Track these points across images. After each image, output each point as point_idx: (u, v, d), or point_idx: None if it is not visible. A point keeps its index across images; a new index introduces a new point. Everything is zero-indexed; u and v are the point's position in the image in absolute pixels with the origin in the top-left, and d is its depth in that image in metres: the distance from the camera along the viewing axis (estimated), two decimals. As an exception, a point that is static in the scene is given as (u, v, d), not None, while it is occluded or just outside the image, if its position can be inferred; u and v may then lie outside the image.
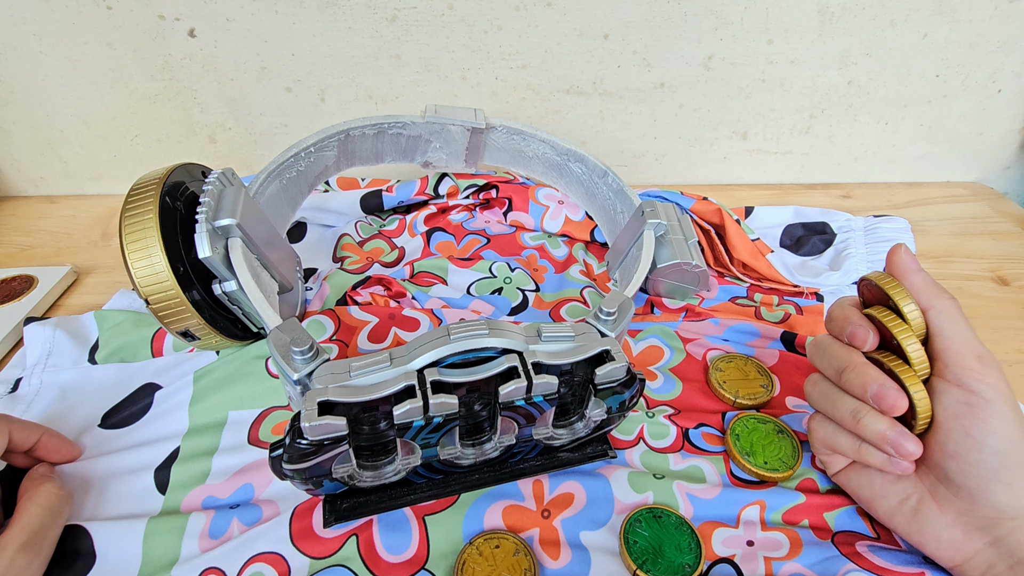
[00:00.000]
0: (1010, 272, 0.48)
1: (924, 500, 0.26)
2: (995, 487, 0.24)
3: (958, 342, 0.25)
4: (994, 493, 0.24)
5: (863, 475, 0.29)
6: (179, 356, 0.38)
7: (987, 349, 0.25)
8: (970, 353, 0.25)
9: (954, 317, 0.26)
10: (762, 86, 0.54)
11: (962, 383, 0.24)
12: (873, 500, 0.28)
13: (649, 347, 0.39)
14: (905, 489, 0.27)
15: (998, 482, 0.24)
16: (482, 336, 0.24)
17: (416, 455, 0.27)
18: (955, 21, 0.50)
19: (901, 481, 0.27)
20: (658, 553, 0.28)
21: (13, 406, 0.35)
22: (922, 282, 0.26)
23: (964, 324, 0.25)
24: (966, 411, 0.24)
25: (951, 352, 0.25)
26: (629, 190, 0.43)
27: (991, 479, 0.24)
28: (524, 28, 0.50)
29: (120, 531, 0.29)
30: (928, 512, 0.26)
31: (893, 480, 0.28)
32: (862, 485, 0.29)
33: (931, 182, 0.61)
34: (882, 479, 0.28)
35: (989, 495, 0.24)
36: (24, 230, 0.55)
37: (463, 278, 0.45)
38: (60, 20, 0.49)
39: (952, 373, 0.25)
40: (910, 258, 0.27)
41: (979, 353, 0.25)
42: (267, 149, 0.58)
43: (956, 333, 0.25)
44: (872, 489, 0.28)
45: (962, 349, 0.25)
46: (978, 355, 0.25)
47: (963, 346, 0.25)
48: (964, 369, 0.24)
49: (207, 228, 0.31)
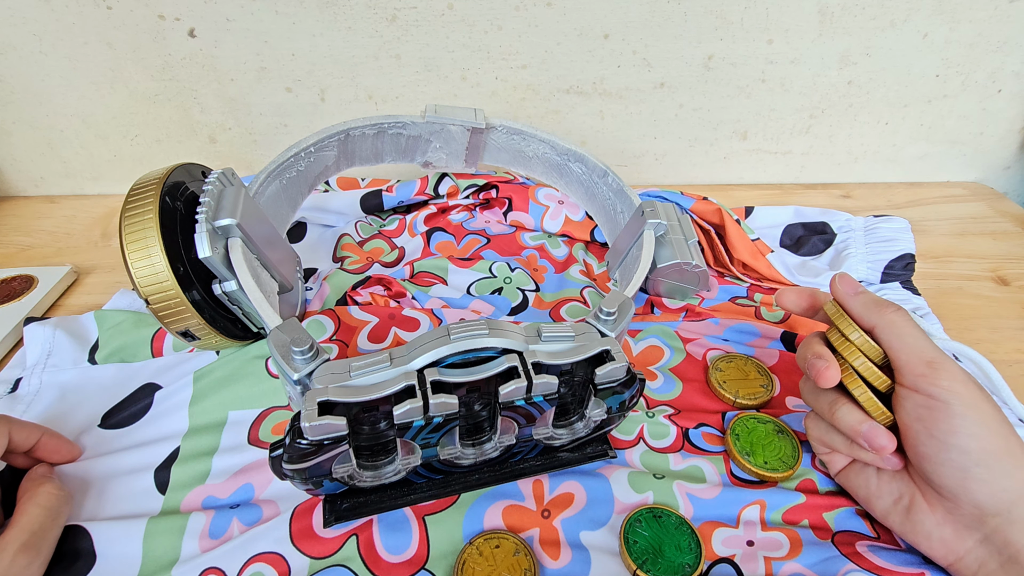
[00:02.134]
0: (1010, 272, 0.48)
1: (915, 499, 0.27)
2: (970, 484, 0.24)
3: (906, 351, 0.26)
4: (971, 491, 0.25)
5: (861, 475, 0.29)
6: (179, 356, 0.38)
7: (939, 352, 0.26)
8: (919, 360, 0.26)
9: (898, 328, 0.27)
10: (762, 86, 0.54)
11: (918, 388, 0.25)
12: (870, 499, 0.29)
13: (649, 347, 0.39)
14: (898, 489, 0.28)
15: (972, 479, 0.24)
16: (482, 336, 0.24)
17: (416, 455, 0.27)
18: (955, 21, 0.50)
19: (894, 481, 0.28)
20: (658, 553, 0.28)
21: (13, 406, 0.35)
22: (860, 305, 0.28)
23: (911, 332, 0.27)
24: (926, 414, 0.25)
25: (901, 361, 0.26)
26: (629, 190, 0.43)
27: (964, 477, 0.24)
28: (524, 28, 0.50)
29: (120, 531, 0.29)
30: (919, 511, 0.27)
31: (888, 480, 0.28)
32: (860, 485, 0.29)
33: (931, 182, 0.61)
34: (878, 479, 0.28)
35: (968, 493, 0.25)
36: (24, 230, 0.55)
37: (463, 278, 0.45)
38: (60, 20, 0.49)
39: (908, 380, 0.26)
40: (846, 284, 0.29)
41: (928, 359, 0.26)
42: (267, 149, 0.58)
43: (903, 343, 0.26)
44: (868, 489, 0.29)
45: (911, 357, 0.26)
46: (927, 360, 0.25)
47: (911, 354, 0.26)
48: (916, 376, 0.25)
49: (207, 228, 0.31)
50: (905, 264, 0.44)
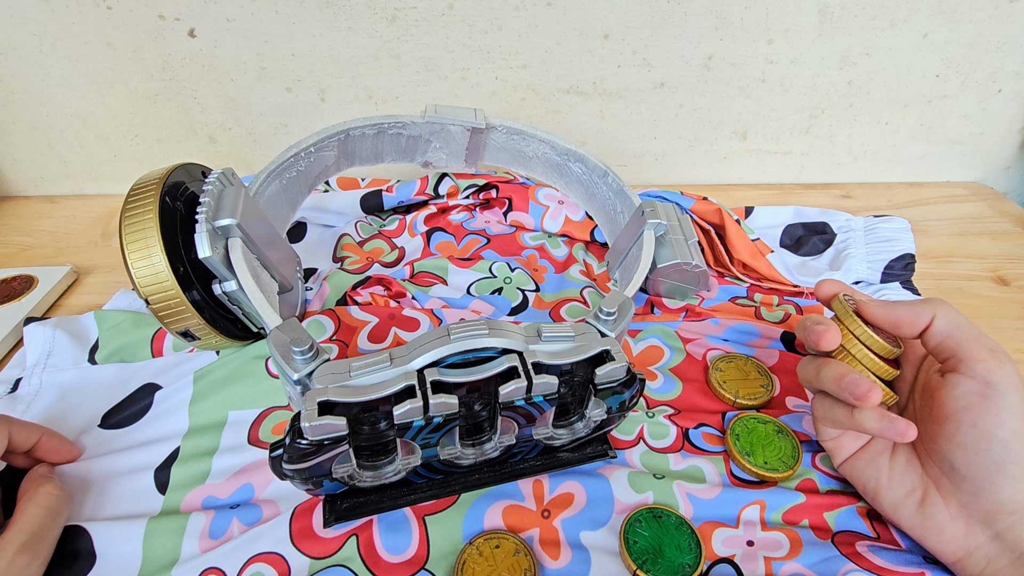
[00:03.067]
0: (1010, 272, 0.48)
1: (930, 492, 0.27)
2: (999, 479, 0.24)
3: (968, 337, 0.26)
4: (998, 485, 0.24)
5: (871, 465, 0.29)
6: (179, 356, 0.38)
7: (998, 343, 0.26)
8: (982, 346, 0.26)
9: (957, 316, 0.27)
10: (762, 86, 0.54)
11: (976, 375, 0.25)
12: (879, 492, 0.28)
13: (649, 347, 0.39)
14: (912, 481, 0.27)
15: (1002, 474, 0.24)
16: (482, 336, 0.24)
17: (416, 455, 0.27)
18: (955, 21, 0.50)
19: (908, 473, 0.28)
20: (658, 553, 0.28)
21: (13, 406, 0.35)
22: (904, 310, 0.28)
23: (969, 321, 0.27)
24: (978, 402, 0.25)
25: (963, 347, 0.26)
26: (629, 190, 0.43)
27: (996, 471, 0.24)
28: (524, 28, 0.50)
29: (120, 531, 0.29)
30: (933, 504, 0.26)
31: (901, 471, 0.28)
32: (869, 476, 0.29)
33: (931, 182, 0.61)
34: (890, 470, 0.28)
35: (993, 487, 0.25)
36: (24, 230, 0.55)
37: (463, 278, 0.45)
38: (60, 20, 0.49)
39: (967, 366, 0.25)
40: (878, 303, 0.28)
41: (991, 347, 0.26)
42: (267, 149, 0.58)
43: (964, 330, 0.26)
44: (879, 480, 0.28)
45: (974, 343, 0.26)
46: (990, 348, 0.26)
47: (974, 340, 0.26)
48: (977, 361, 0.25)
49: (207, 228, 0.31)
50: (905, 264, 0.44)
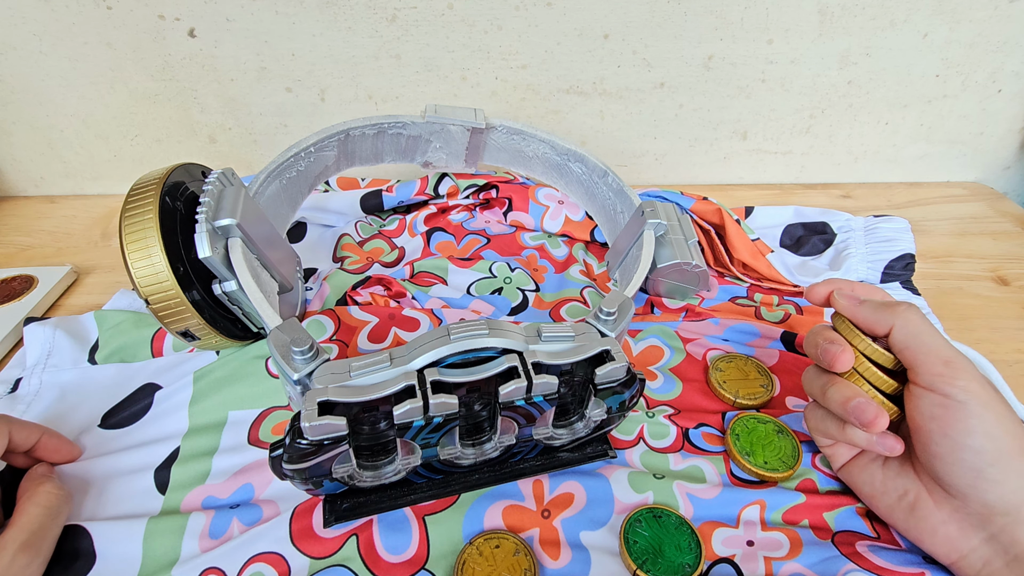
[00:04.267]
0: (1010, 272, 0.48)
1: (921, 496, 0.27)
2: (982, 484, 0.24)
3: (923, 350, 0.26)
4: (982, 491, 0.24)
5: (866, 471, 0.29)
6: (179, 356, 0.38)
7: (956, 351, 0.26)
8: (937, 359, 0.25)
9: (914, 327, 0.26)
10: (762, 86, 0.54)
11: (934, 387, 0.25)
12: (874, 496, 0.29)
13: (649, 347, 0.39)
14: (903, 485, 0.28)
15: (984, 479, 0.24)
16: (482, 336, 0.24)
17: (416, 455, 0.27)
18: (955, 21, 0.50)
19: (900, 477, 0.28)
20: (658, 553, 0.28)
21: (13, 406, 0.35)
22: (870, 311, 0.27)
23: (927, 330, 0.26)
24: (942, 413, 0.25)
25: (919, 360, 0.26)
26: (629, 190, 0.43)
27: (976, 477, 0.24)
28: (524, 28, 0.50)
29: (120, 531, 0.29)
30: (925, 508, 0.27)
31: (893, 476, 0.28)
32: (864, 481, 0.29)
33: (931, 182, 0.61)
34: (883, 475, 0.28)
35: (977, 492, 0.25)
36: (24, 230, 0.55)
37: (463, 278, 0.45)
38: (60, 20, 0.49)
39: (924, 379, 0.25)
40: (846, 297, 0.29)
41: (946, 358, 0.25)
42: (267, 149, 0.58)
43: (920, 342, 0.26)
44: (873, 485, 0.29)
45: (928, 356, 0.25)
46: (945, 360, 0.25)
47: (929, 353, 0.26)
48: (933, 375, 0.25)
49: (207, 228, 0.31)
50: (905, 264, 0.44)
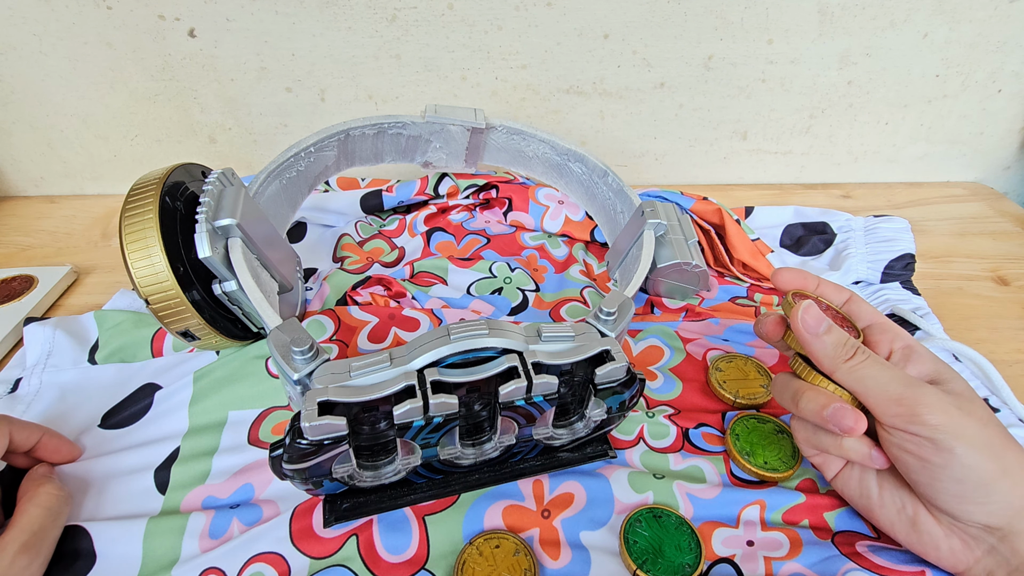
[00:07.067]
0: (1010, 272, 0.48)
1: (919, 511, 0.26)
2: (968, 507, 0.24)
3: (872, 395, 0.25)
4: (970, 513, 0.24)
5: (861, 483, 0.28)
6: (179, 356, 0.38)
7: (908, 380, 0.25)
8: (887, 400, 0.25)
9: (857, 373, 0.26)
10: (762, 86, 0.54)
11: (896, 427, 0.25)
12: (872, 510, 0.28)
13: (649, 347, 0.39)
14: (901, 499, 0.27)
15: (969, 503, 0.24)
16: (482, 336, 0.24)
17: (416, 455, 0.27)
18: (955, 21, 0.50)
19: (897, 491, 0.27)
20: (658, 553, 0.28)
21: (13, 406, 0.35)
22: (825, 346, 0.27)
23: (872, 372, 0.26)
24: (914, 448, 0.25)
25: (871, 406, 0.26)
26: (629, 190, 0.43)
27: (961, 500, 0.24)
28: (524, 28, 0.50)
29: (120, 531, 0.29)
30: (926, 523, 0.26)
31: (890, 490, 0.27)
32: (860, 494, 0.28)
33: (931, 182, 0.61)
34: (880, 489, 0.28)
35: (967, 515, 0.24)
36: (24, 230, 0.55)
37: (463, 278, 0.45)
38: (60, 20, 0.49)
39: (886, 421, 0.25)
40: (810, 323, 0.27)
41: (895, 396, 0.25)
42: (267, 149, 0.58)
43: (866, 387, 0.25)
44: (870, 499, 0.28)
45: (879, 400, 0.25)
46: (896, 398, 0.25)
47: (878, 396, 0.25)
48: (892, 416, 0.25)
49: (207, 228, 0.31)
50: (905, 264, 0.44)
